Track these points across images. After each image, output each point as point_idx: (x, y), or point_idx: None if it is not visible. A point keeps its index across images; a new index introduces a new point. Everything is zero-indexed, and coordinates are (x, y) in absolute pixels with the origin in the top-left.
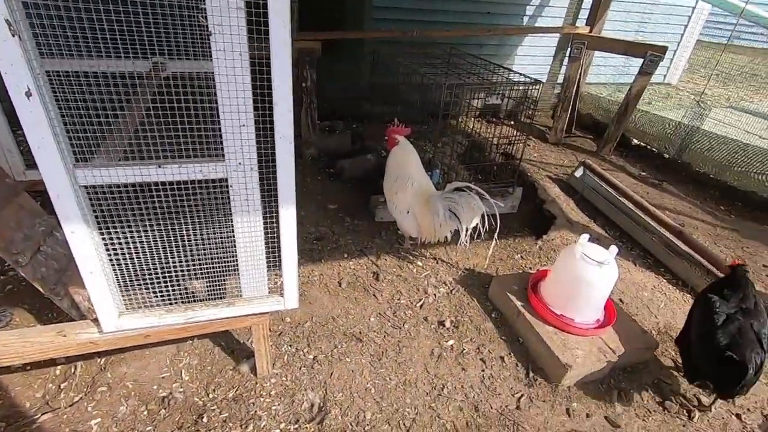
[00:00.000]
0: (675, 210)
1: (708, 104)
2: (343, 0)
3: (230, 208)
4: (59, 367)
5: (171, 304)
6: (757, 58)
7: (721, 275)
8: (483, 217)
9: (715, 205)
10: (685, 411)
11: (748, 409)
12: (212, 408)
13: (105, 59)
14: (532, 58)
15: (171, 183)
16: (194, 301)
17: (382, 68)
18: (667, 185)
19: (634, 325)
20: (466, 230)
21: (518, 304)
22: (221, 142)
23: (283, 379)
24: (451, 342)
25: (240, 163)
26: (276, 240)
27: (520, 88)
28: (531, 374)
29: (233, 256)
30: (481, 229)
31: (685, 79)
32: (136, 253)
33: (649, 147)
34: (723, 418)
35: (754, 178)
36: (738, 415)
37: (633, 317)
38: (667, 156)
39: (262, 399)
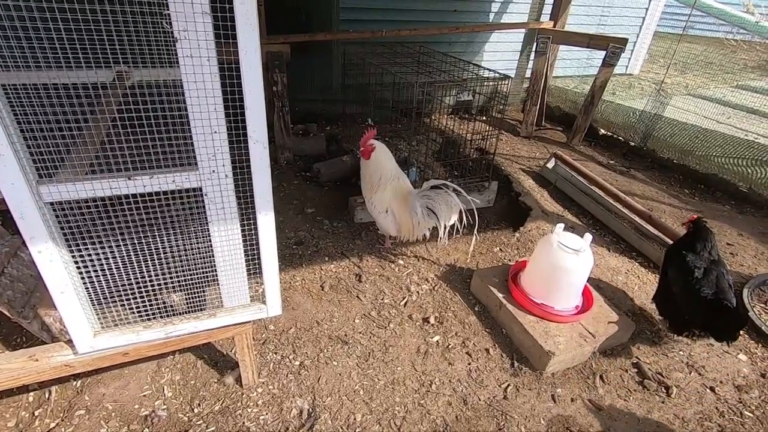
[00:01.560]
0: (643, 195)
1: (668, 92)
2: (311, 3)
3: (206, 218)
4: (32, 393)
5: (149, 319)
6: (710, 47)
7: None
8: (461, 213)
9: (680, 188)
10: (663, 388)
11: (721, 382)
12: (198, 423)
13: (65, 70)
14: (500, 54)
15: (143, 195)
16: (174, 314)
17: (353, 69)
18: (635, 172)
19: (611, 309)
20: (445, 227)
21: (500, 296)
22: (193, 151)
23: (270, 387)
24: (436, 338)
25: (214, 171)
26: (255, 247)
27: (490, 83)
28: (516, 364)
29: (212, 266)
30: (459, 225)
31: (646, 69)
32: (109, 269)
33: (615, 136)
34: (699, 392)
35: (714, 161)
36: (712, 388)
37: (610, 301)
38: (633, 144)
39: (249, 409)
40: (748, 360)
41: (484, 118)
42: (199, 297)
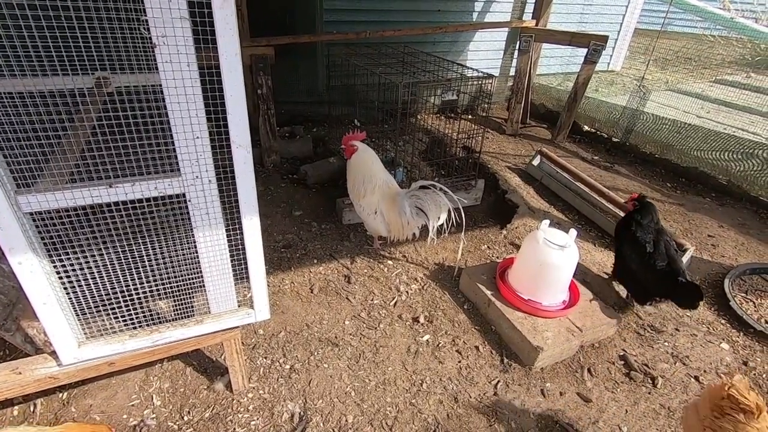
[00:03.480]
0: (627, 190)
1: (648, 88)
2: (294, 4)
3: (191, 224)
4: (17, 407)
5: (135, 327)
6: (689, 42)
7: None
8: (449, 212)
9: (662, 182)
10: (649, 379)
11: (705, 371)
12: (188, 431)
13: (41, 78)
14: (484, 53)
15: (125, 202)
16: (160, 322)
17: (337, 70)
18: (618, 167)
19: (597, 303)
20: (434, 226)
21: (488, 293)
22: (176, 156)
23: (261, 392)
24: (426, 337)
25: (197, 177)
26: (242, 251)
27: (475, 83)
28: (505, 360)
29: (198, 272)
30: (447, 224)
31: (627, 65)
32: (93, 278)
33: (599, 132)
34: (683, 382)
35: (694, 155)
36: (696, 378)
37: (596, 295)
38: (616, 139)
39: (240, 415)
40: (731, 348)
41: (470, 116)
42: (186, 304)
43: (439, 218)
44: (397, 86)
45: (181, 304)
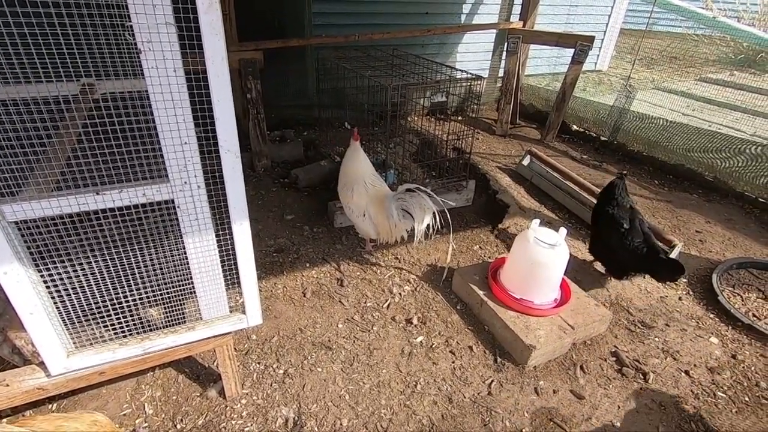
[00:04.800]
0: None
1: (635, 87)
2: (283, 8)
3: (180, 229)
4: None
5: (125, 336)
6: (674, 41)
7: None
8: (434, 214)
9: (650, 179)
10: (641, 375)
11: (695, 365)
12: None
13: (24, 85)
14: (473, 55)
15: (113, 209)
16: (151, 329)
17: (327, 74)
18: (607, 165)
19: (588, 300)
20: (420, 230)
21: (480, 293)
22: (164, 163)
23: (254, 398)
24: (420, 338)
25: (185, 182)
26: (233, 257)
27: (463, 84)
28: (499, 359)
29: (189, 279)
30: (432, 226)
31: (614, 64)
32: (81, 286)
33: (587, 131)
34: (674, 376)
35: (680, 152)
36: (687, 372)
37: (587, 293)
38: (604, 138)
39: (233, 422)
40: (720, 342)
41: (460, 118)
42: (177, 310)
43: (423, 220)
44: (386, 89)
45: (172, 311)
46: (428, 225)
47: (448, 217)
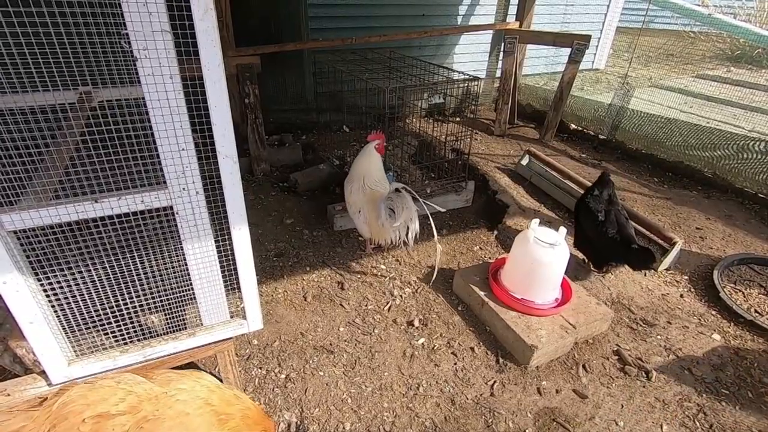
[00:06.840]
0: (615, 186)
1: (632, 85)
2: (279, 13)
3: (179, 236)
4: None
5: (126, 343)
6: (670, 39)
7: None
8: (416, 215)
9: (650, 177)
10: (643, 373)
11: (698, 362)
12: None
13: (22, 94)
14: (470, 56)
15: (112, 217)
16: (152, 336)
17: (324, 77)
18: (606, 164)
19: (590, 299)
20: (397, 227)
21: (481, 294)
22: (162, 169)
23: (256, 403)
24: (421, 340)
25: (184, 189)
26: (232, 262)
27: (461, 85)
28: (501, 360)
29: (189, 285)
30: (417, 229)
31: (611, 63)
32: (81, 295)
33: (585, 130)
34: (677, 374)
35: (679, 149)
36: (689, 369)
37: (588, 291)
38: (602, 137)
39: None
40: (722, 339)
41: (458, 119)
42: (177, 317)
43: (402, 217)
44: (383, 91)
45: (173, 318)
46: (408, 227)
47: (432, 220)
